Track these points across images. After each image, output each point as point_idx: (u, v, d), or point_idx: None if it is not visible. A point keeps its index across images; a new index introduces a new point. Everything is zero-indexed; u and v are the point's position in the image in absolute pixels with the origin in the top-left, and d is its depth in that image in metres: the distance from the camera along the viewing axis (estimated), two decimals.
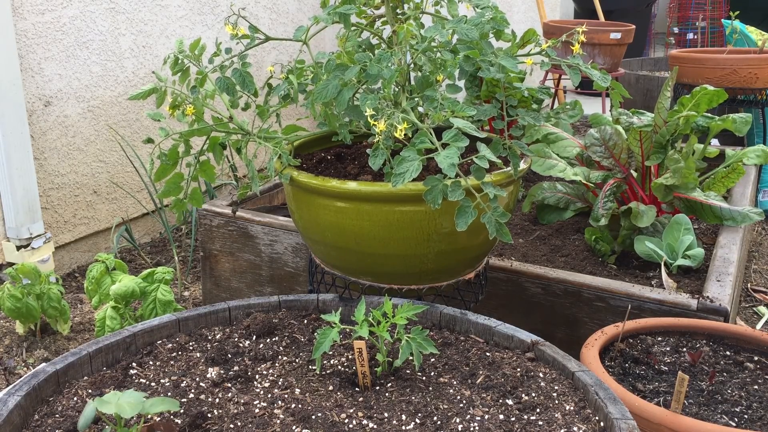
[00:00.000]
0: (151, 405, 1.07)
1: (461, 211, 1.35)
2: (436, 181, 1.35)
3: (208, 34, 3.64)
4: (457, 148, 1.33)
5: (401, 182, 1.33)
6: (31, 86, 2.85)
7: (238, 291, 2.43)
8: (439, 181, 1.35)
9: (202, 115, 1.53)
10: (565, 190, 2.41)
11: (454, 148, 1.33)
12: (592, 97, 5.36)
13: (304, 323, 1.52)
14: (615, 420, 1.13)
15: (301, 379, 1.33)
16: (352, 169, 1.62)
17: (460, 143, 1.34)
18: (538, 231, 2.45)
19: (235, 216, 2.33)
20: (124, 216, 3.29)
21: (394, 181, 1.33)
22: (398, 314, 1.34)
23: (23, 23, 2.80)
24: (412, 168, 1.33)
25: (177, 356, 1.40)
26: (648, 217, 2.09)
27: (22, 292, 2.33)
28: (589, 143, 2.28)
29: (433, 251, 1.52)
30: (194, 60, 1.55)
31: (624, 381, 1.50)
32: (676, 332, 1.66)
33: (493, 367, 1.35)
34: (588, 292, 1.86)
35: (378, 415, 1.21)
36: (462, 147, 1.34)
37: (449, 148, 1.34)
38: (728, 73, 3.45)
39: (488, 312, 1.55)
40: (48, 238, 2.89)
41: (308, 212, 1.58)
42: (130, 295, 2.14)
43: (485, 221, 1.38)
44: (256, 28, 1.60)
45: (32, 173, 2.83)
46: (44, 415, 1.20)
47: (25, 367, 2.36)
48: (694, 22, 8.20)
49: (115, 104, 3.23)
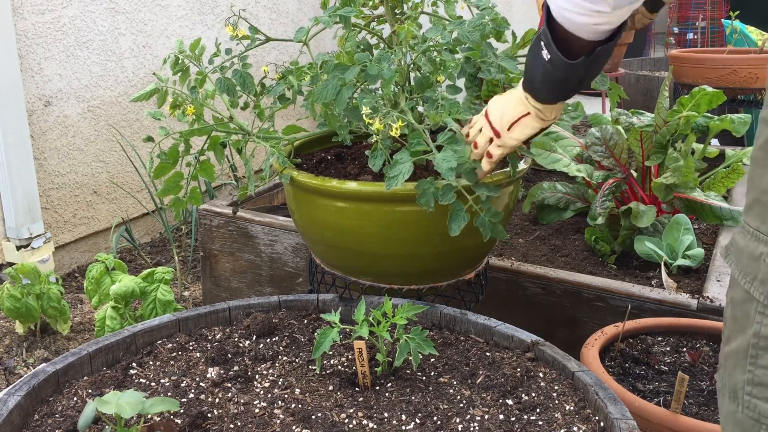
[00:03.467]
0: (151, 405, 1.07)
1: (453, 215, 1.36)
2: (428, 185, 1.36)
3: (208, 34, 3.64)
4: (453, 151, 1.34)
5: (394, 185, 1.34)
6: (31, 86, 2.85)
7: (238, 291, 2.43)
8: (430, 184, 1.36)
9: (202, 114, 1.53)
10: (565, 190, 2.41)
11: (449, 150, 1.33)
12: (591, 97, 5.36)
13: (304, 323, 1.52)
14: (615, 420, 1.13)
15: (301, 379, 1.33)
16: (352, 169, 1.62)
17: (455, 146, 1.34)
18: (538, 231, 2.45)
19: (235, 216, 2.33)
20: (124, 216, 3.29)
21: (387, 184, 1.34)
22: (398, 314, 1.34)
23: (23, 23, 2.80)
24: (404, 170, 1.34)
25: (177, 356, 1.40)
26: (648, 217, 2.09)
27: (21, 292, 2.33)
28: (590, 143, 2.28)
29: (433, 251, 1.52)
30: (194, 60, 1.55)
31: (624, 381, 1.50)
32: (676, 332, 1.66)
33: (493, 367, 1.35)
34: (588, 292, 1.85)
35: (378, 415, 1.21)
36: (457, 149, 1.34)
37: (445, 150, 1.34)
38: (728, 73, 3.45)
39: (488, 312, 1.55)
40: (48, 238, 2.89)
41: (308, 212, 1.58)
42: (130, 295, 2.14)
43: (478, 224, 1.38)
44: (256, 29, 1.60)
45: (32, 173, 2.83)
46: (44, 415, 1.20)
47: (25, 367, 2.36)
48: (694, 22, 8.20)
49: (115, 104, 3.23)
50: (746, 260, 0.83)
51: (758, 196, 0.82)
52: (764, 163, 0.82)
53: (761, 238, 0.81)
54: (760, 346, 0.82)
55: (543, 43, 1.15)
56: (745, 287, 0.83)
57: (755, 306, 0.82)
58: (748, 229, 0.84)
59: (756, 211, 0.83)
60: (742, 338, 0.84)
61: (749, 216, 0.84)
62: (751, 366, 0.83)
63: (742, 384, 0.84)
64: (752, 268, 0.82)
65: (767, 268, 0.80)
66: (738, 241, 0.86)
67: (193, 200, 1.60)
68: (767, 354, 0.81)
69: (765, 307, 0.81)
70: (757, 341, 0.82)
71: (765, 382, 0.82)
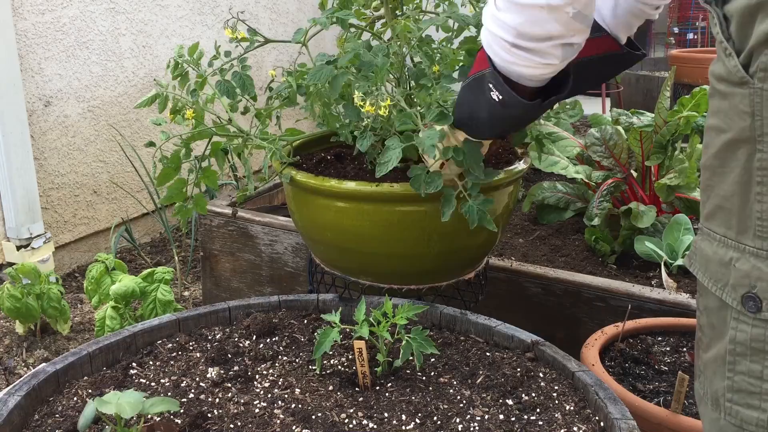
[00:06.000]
0: (151, 405, 1.07)
1: (445, 201, 1.37)
2: (420, 170, 1.36)
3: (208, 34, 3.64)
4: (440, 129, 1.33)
5: (385, 170, 1.34)
6: (31, 86, 2.86)
7: (238, 291, 2.43)
8: (422, 170, 1.36)
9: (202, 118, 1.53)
10: (565, 190, 2.41)
11: (434, 128, 1.33)
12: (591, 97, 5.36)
13: (304, 323, 1.52)
14: (615, 420, 1.13)
15: (301, 379, 1.33)
16: (351, 169, 1.62)
17: (443, 121, 1.33)
18: (538, 231, 2.45)
19: (235, 217, 2.33)
20: (124, 216, 3.29)
21: (378, 171, 1.34)
22: (398, 314, 1.34)
23: (23, 23, 2.80)
24: (394, 156, 1.34)
25: (177, 356, 1.40)
26: (648, 217, 2.09)
27: (22, 292, 2.33)
28: (590, 143, 2.28)
29: (433, 251, 1.52)
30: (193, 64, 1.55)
31: (624, 381, 1.50)
32: (676, 332, 1.66)
33: (493, 367, 1.35)
34: (588, 292, 1.86)
35: (378, 415, 1.21)
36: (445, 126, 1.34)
37: (430, 128, 1.34)
38: None
39: (488, 312, 1.55)
40: (48, 238, 2.90)
41: (308, 212, 1.58)
42: (130, 295, 2.14)
43: (465, 211, 1.37)
44: (255, 31, 1.60)
45: (32, 173, 2.83)
46: (44, 415, 1.20)
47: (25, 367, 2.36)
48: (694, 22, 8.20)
49: (115, 104, 3.23)
50: (715, 267, 0.84)
51: (720, 203, 0.83)
52: (721, 171, 0.82)
53: (729, 243, 0.82)
54: (737, 352, 0.82)
55: (491, 84, 1.14)
56: (717, 294, 0.83)
57: (730, 312, 0.82)
58: (714, 236, 0.84)
59: (720, 218, 0.83)
60: (720, 345, 0.84)
61: (713, 223, 0.84)
62: (730, 372, 0.83)
63: (722, 391, 0.85)
64: (722, 274, 0.82)
65: (738, 273, 0.80)
66: (703, 248, 0.86)
67: (198, 207, 1.60)
68: (744, 360, 0.82)
69: (739, 313, 0.81)
70: (734, 347, 0.82)
71: (744, 389, 0.82)
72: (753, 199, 0.79)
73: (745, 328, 0.81)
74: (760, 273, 0.78)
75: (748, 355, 0.81)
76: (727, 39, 0.80)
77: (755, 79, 0.77)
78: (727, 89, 0.81)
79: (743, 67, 0.78)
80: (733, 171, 0.81)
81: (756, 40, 0.76)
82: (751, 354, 0.81)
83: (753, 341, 0.80)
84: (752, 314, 0.79)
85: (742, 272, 0.80)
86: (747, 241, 0.80)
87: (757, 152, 0.78)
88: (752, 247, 0.79)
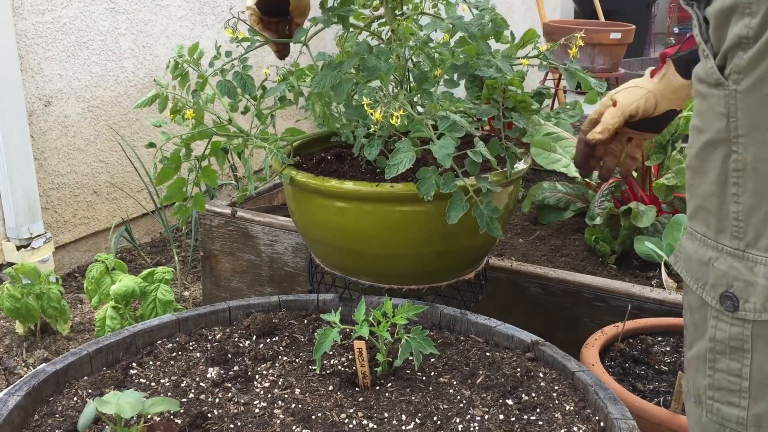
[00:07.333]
0: (151, 405, 1.07)
1: (453, 203, 1.36)
2: (430, 173, 1.35)
3: (209, 34, 3.64)
4: (453, 139, 1.33)
5: (395, 172, 1.33)
6: (31, 86, 2.85)
7: (238, 291, 2.43)
8: (432, 172, 1.35)
9: (203, 118, 1.53)
10: (565, 189, 2.41)
11: (449, 138, 1.33)
12: None
13: (304, 323, 1.52)
14: (615, 420, 1.13)
15: (301, 379, 1.33)
16: (351, 169, 1.62)
17: (455, 133, 1.34)
18: (538, 231, 2.45)
19: (234, 217, 2.33)
20: (124, 216, 3.29)
21: (388, 172, 1.34)
22: (398, 314, 1.34)
23: (23, 23, 2.80)
24: (406, 159, 1.34)
25: (177, 356, 1.40)
26: (648, 217, 2.09)
27: (21, 292, 2.33)
28: None
29: (433, 251, 1.52)
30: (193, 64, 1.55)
31: (624, 381, 1.50)
32: (676, 332, 1.66)
33: (493, 367, 1.35)
34: (588, 292, 1.85)
35: (378, 415, 1.21)
36: (457, 137, 1.34)
37: (444, 138, 1.33)
38: None
39: (488, 312, 1.55)
40: (48, 238, 2.89)
41: (308, 212, 1.58)
42: (130, 295, 2.14)
43: (476, 215, 1.37)
44: (255, 31, 1.60)
45: (32, 173, 2.83)
46: (44, 415, 1.21)
47: (25, 367, 2.36)
48: None
49: (115, 104, 3.23)
50: (696, 266, 0.85)
51: (700, 203, 0.84)
52: (701, 171, 0.83)
53: (709, 243, 0.83)
54: (717, 350, 0.83)
55: None
56: (698, 293, 0.84)
57: (710, 311, 0.83)
58: (695, 235, 0.85)
59: (700, 217, 0.84)
60: (702, 343, 0.85)
61: (695, 223, 0.85)
62: (711, 370, 0.85)
63: (704, 388, 0.86)
64: (702, 273, 0.84)
65: (716, 273, 0.81)
66: (687, 247, 0.87)
67: (197, 206, 1.60)
68: (724, 358, 0.83)
69: (718, 312, 0.82)
70: (714, 345, 0.83)
71: (724, 386, 0.83)
72: (729, 200, 0.80)
73: (723, 327, 0.82)
74: (737, 273, 0.79)
75: (727, 353, 0.82)
76: (706, 41, 0.81)
77: (729, 80, 0.77)
78: (705, 90, 0.81)
79: (719, 69, 0.78)
80: (711, 171, 0.81)
81: (730, 43, 0.76)
82: (730, 352, 0.82)
83: (731, 339, 0.82)
84: (730, 313, 0.81)
85: (721, 272, 0.81)
86: (725, 240, 0.81)
87: (732, 153, 0.79)
88: (729, 247, 0.80)
